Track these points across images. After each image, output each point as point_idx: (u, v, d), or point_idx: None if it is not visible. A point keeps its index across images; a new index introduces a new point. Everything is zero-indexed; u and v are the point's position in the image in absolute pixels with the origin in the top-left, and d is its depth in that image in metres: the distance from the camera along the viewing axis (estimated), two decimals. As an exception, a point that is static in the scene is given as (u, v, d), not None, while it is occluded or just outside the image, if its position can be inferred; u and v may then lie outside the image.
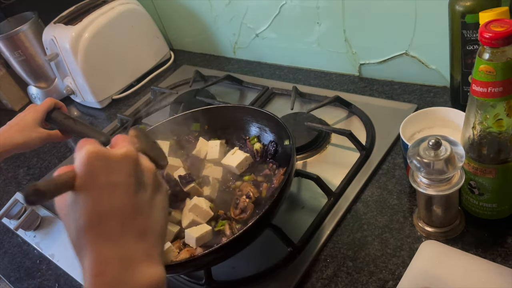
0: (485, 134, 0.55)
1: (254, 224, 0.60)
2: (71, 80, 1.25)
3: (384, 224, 0.69)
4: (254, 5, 1.13)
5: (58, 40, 1.19)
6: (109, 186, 0.38)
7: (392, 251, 0.65)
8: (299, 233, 0.71)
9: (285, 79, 1.13)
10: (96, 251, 0.37)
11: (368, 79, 1.03)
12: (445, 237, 0.64)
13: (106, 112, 1.27)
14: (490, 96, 0.51)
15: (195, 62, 1.37)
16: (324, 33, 1.04)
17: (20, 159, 1.20)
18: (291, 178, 0.67)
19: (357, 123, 0.90)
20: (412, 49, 0.92)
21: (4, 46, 1.28)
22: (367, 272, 0.64)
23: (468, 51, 0.72)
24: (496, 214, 0.63)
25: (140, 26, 1.31)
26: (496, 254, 0.60)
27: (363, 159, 0.81)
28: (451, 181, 0.57)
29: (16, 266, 0.88)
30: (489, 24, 0.50)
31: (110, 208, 0.37)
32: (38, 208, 0.97)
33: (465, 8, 0.68)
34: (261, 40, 1.19)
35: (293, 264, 0.68)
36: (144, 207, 0.40)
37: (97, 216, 0.37)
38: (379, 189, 0.75)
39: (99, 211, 0.37)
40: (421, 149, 0.56)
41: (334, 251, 0.69)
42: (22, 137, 0.80)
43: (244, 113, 0.82)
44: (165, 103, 1.18)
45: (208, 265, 0.68)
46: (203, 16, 1.29)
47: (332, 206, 0.75)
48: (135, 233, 0.38)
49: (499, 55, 0.49)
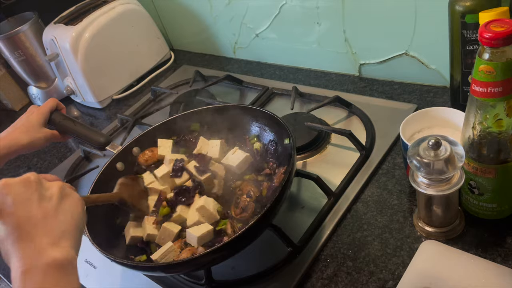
0: (485, 134, 0.55)
1: (255, 224, 0.60)
2: (71, 80, 1.25)
3: (384, 224, 0.69)
4: (254, 5, 1.13)
5: (58, 40, 1.19)
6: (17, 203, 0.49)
7: (392, 251, 0.65)
8: (299, 233, 0.71)
9: (285, 79, 1.13)
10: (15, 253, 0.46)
11: (368, 79, 1.03)
12: (445, 237, 0.64)
13: (106, 112, 1.27)
14: (490, 96, 0.52)
15: (195, 62, 1.37)
16: (324, 33, 1.04)
17: (20, 159, 1.20)
18: (291, 177, 0.67)
19: (357, 123, 0.90)
20: (412, 49, 0.92)
21: (4, 46, 1.28)
22: (367, 272, 0.64)
23: (468, 51, 0.72)
24: (496, 214, 0.63)
25: (140, 26, 1.31)
26: (496, 254, 0.60)
27: (363, 159, 0.81)
28: (451, 181, 0.57)
29: (16, 266, 0.88)
30: (489, 24, 0.50)
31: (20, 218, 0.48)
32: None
33: (465, 8, 0.68)
34: (261, 40, 1.19)
35: (293, 264, 0.68)
36: (50, 213, 0.50)
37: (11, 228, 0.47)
38: (379, 189, 0.75)
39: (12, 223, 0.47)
40: (421, 149, 0.56)
41: (334, 251, 0.69)
42: (28, 138, 0.80)
43: (244, 113, 0.82)
44: (165, 103, 1.18)
45: (209, 265, 0.68)
46: (203, 16, 1.29)
47: (332, 206, 0.75)
48: (44, 231, 0.48)
49: (499, 55, 0.49)
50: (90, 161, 1.09)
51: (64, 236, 0.50)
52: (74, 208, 0.54)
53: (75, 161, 1.09)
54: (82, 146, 1.09)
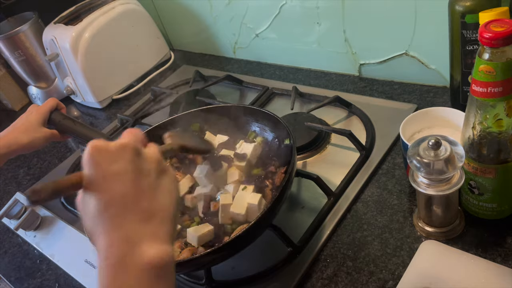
0: (485, 134, 0.55)
1: (255, 224, 0.60)
2: (71, 80, 1.25)
3: (384, 224, 0.69)
4: (254, 5, 1.13)
5: (58, 40, 1.19)
6: (111, 176, 0.41)
7: (392, 251, 0.65)
8: (299, 233, 0.71)
9: (285, 79, 1.13)
10: (103, 236, 0.39)
11: (368, 79, 1.03)
12: (445, 237, 0.64)
13: (106, 112, 1.27)
14: (490, 96, 0.52)
15: (195, 62, 1.37)
16: (324, 33, 1.04)
17: (20, 159, 1.20)
18: (292, 177, 0.67)
19: (357, 123, 0.90)
20: (412, 49, 0.92)
21: (4, 46, 1.28)
22: (367, 272, 0.64)
23: (468, 51, 0.72)
24: (496, 214, 0.63)
25: (140, 26, 1.31)
26: (496, 254, 0.60)
27: (363, 159, 0.81)
28: (451, 181, 0.57)
29: (16, 266, 0.88)
30: (489, 24, 0.50)
31: (113, 195, 0.40)
32: (38, 208, 0.97)
33: (465, 8, 0.68)
34: (261, 40, 1.19)
35: (293, 264, 0.68)
36: (147, 190, 0.42)
37: (102, 204, 0.40)
38: (379, 189, 0.75)
39: (104, 199, 0.40)
40: (421, 149, 0.56)
41: (334, 251, 0.69)
42: (27, 138, 0.80)
43: (244, 113, 0.82)
44: (165, 103, 1.18)
45: (209, 265, 0.68)
46: (203, 16, 1.29)
47: (332, 206, 0.75)
48: (139, 215, 0.40)
49: (499, 55, 0.49)
50: (90, 161, 1.09)
51: (164, 224, 0.42)
52: (173, 187, 0.45)
53: (75, 161, 1.09)
54: (82, 146, 1.09)
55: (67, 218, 0.93)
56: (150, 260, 0.39)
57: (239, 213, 0.69)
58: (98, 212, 0.40)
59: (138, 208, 0.41)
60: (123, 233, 0.39)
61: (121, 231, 0.39)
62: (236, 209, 0.69)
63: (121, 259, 0.38)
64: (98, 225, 0.40)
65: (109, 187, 0.40)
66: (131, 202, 0.41)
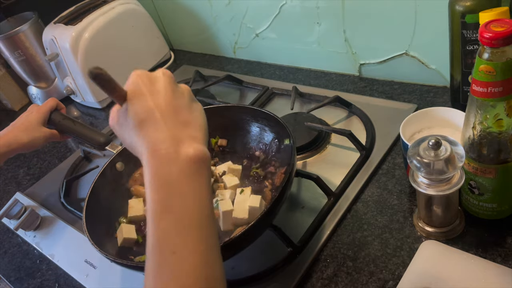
0: (485, 134, 0.55)
1: (255, 224, 0.60)
2: (71, 80, 1.25)
3: (384, 224, 0.69)
4: (254, 5, 1.13)
5: (58, 40, 1.19)
6: (152, 91, 0.47)
7: (392, 251, 0.65)
8: (299, 233, 0.71)
9: (285, 79, 1.13)
10: (148, 138, 0.45)
11: (368, 79, 1.03)
12: (445, 237, 0.64)
13: (106, 112, 1.27)
14: (490, 96, 0.52)
15: (195, 62, 1.37)
16: (324, 33, 1.04)
17: (20, 159, 1.20)
18: (292, 178, 0.67)
19: (357, 123, 0.90)
20: (412, 49, 0.92)
21: (4, 46, 1.28)
22: (367, 272, 0.64)
23: (468, 51, 0.72)
24: (496, 214, 0.63)
25: (140, 26, 1.31)
26: (496, 254, 0.60)
27: (363, 159, 0.81)
28: (451, 181, 0.57)
29: (16, 266, 0.88)
30: (489, 24, 0.50)
31: (154, 105, 0.46)
32: (38, 208, 0.97)
33: (465, 8, 0.68)
34: (261, 40, 1.19)
35: (293, 264, 0.68)
36: (184, 107, 0.48)
37: (144, 112, 0.45)
38: (379, 189, 0.75)
39: (145, 107, 0.46)
40: (421, 149, 0.56)
41: (334, 251, 0.69)
42: (27, 137, 0.81)
43: (244, 113, 0.82)
44: (165, 103, 1.18)
45: (208, 265, 0.68)
46: (203, 16, 1.29)
47: (332, 206, 0.75)
48: (179, 123, 0.46)
49: (499, 55, 0.49)
50: (90, 161, 1.09)
51: (199, 131, 0.47)
52: (202, 110, 0.51)
53: (75, 161, 1.09)
54: (82, 146, 1.09)
55: (67, 218, 0.93)
56: (194, 155, 0.44)
57: (242, 218, 0.68)
58: (140, 119, 0.45)
59: (178, 117, 0.46)
60: (168, 133, 0.44)
61: (166, 133, 0.44)
62: (239, 214, 0.69)
63: (169, 152, 0.43)
64: (140, 131, 0.45)
65: (150, 99, 0.46)
66: (171, 111, 0.46)
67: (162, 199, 0.43)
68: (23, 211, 0.94)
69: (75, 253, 0.84)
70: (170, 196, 0.43)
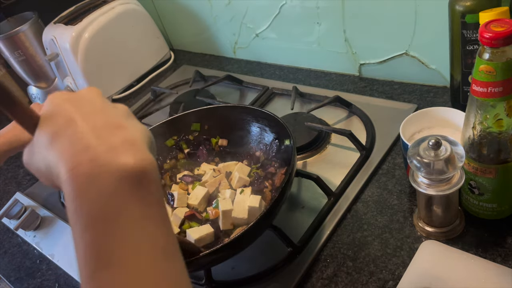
0: (485, 134, 0.55)
1: (255, 224, 0.60)
2: (71, 80, 1.25)
3: (384, 224, 0.69)
4: (254, 5, 1.13)
5: (58, 40, 1.19)
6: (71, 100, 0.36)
7: (392, 251, 0.65)
8: (299, 233, 0.71)
9: (285, 79, 1.13)
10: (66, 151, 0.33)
11: (368, 79, 1.03)
12: (445, 237, 0.64)
13: (106, 112, 1.27)
14: (490, 96, 0.52)
15: (195, 62, 1.37)
16: (324, 33, 1.04)
17: (20, 159, 1.19)
18: (292, 178, 0.67)
19: (357, 123, 0.90)
20: (412, 49, 0.92)
21: (4, 46, 1.27)
22: (367, 272, 0.64)
23: (468, 51, 0.72)
24: (496, 214, 0.63)
25: (140, 26, 1.31)
26: (496, 254, 0.60)
27: (363, 159, 0.81)
28: (451, 181, 0.57)
29: (16, 266, 0.88)
30: (489, 24, 0.50)
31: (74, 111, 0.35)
32: (38, 208, 0.97)
33: (465, 8, 0.68)
34: (261, 40, 1.19)
35: (293, 264, 0.68)
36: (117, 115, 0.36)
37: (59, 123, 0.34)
38: (379, 189, 0.75)
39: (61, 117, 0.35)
40: (421, 149, 0.56)
41: (334, 251, 0.69)
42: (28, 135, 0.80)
43: (244, 113, 0.82)
44: (165, 103, 1.18)
45: (209, 265, 0.68)
46: (203, 16, 1.29)
47: (332, 206, 0.75)
48: (109, 125, 0.34)
49: (499, 55, 0.49)
50: (90, 161, 1.09)
51: (141, 133, 0.35)
52: (146, 129, 0.38)
53: (75, 161, 1.09)
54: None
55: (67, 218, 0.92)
56: (132, 166, 0.31)
57: (242, 218, 0.69)
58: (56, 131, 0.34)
59: (106, 119, 0.35)
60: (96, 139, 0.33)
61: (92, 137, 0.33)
62: (238, 214, 0.69)
63: (97, 165, 0.31)
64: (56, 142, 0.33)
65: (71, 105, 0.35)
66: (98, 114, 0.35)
67: (94, 241, 0.30)
68: (23, 211, 0.94)
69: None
70: (105, 235, 0.30)
